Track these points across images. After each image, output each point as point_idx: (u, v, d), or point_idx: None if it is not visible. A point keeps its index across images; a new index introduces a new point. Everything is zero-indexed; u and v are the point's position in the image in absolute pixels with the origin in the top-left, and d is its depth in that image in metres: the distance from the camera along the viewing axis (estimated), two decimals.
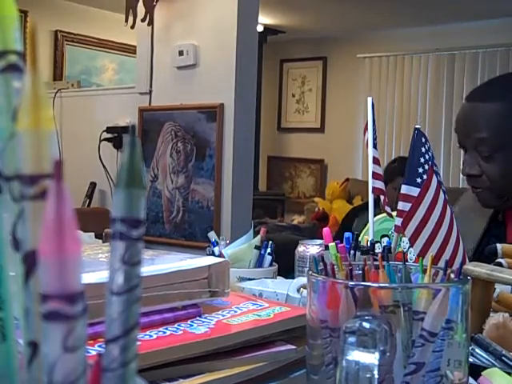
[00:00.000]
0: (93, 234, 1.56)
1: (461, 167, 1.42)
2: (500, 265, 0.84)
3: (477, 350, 0.69)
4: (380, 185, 0.97)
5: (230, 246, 1.18)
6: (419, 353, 0.49)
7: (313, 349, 0.53)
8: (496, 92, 1.35)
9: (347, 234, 0.93)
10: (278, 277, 1.16)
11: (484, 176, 1.33)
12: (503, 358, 0.67)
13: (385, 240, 1.11)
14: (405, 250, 1.03)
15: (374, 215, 0.99)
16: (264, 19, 5.82)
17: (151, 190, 3.35)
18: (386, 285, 0.55)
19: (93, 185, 3.78)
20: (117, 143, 3.58)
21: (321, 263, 0.56)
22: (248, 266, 1.13)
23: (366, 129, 1.00)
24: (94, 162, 3.61)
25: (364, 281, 0.55)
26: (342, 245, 0.88)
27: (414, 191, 0.87)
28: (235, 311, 0.69)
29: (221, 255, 1.11)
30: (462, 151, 1.40)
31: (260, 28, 5.28)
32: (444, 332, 0.49)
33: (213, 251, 1.14)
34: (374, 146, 0.99)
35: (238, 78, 3.07)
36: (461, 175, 6.62)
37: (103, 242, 1.63)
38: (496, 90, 1.37)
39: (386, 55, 6.37)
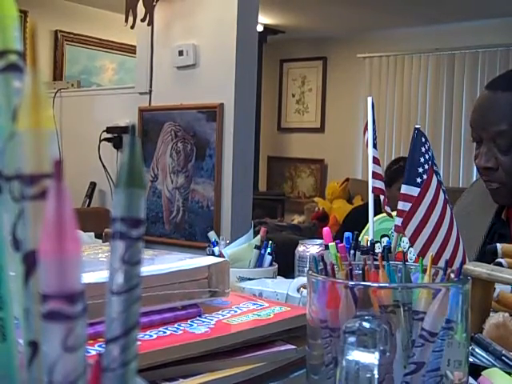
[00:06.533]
0: (93, 233, 1.56)
1: (473, 160, 1.35)
2: (500, 265, 0.84)
3: (477, 350, 0.69)
4: (380, 184, 0.97)
5: (229, 246, 1.18)
6: (419, 353, 0.49)
7: (313, 349, 0.53)
8: None
9: (347, 234, 0.93)
10: (278, 277, 1.16)
11: (500, 169, 1.27)
12: (503, 357, 0.67)
13: (385, 240, 1.11)
14: (405, 250, 1.03)
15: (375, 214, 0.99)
16: (264, 19, 5.82)
17: (151, 189, 3.35)
18: (386, 285, 0.55)
19: (93, 185, 3.78)
20: (117, 143, 3.58)
21: (321, 263, 0.56)
22: (248, 265, 1.13)
23: (365, 129, 1.00)
24: (94, 162, 3.61)
25: (364, 281, 0.55)
26: (341, 245, 0.87)
27: (414, 191, 0.86)
28: (235, 311, 0.69)
29: (221, 255, 1.11)
30: (474, 145, 1.33)
31: (260, 28, 5.28)
32: (444, 332, 0.49)
33: (213, 251, 1.14)
34: (374, 146, 0.99)
35: (238, 78, 3.06)
36: (461, 174, 6.52)
37: (103, 242, 1.63)
38: None
39: (386, 55, 6.37)
